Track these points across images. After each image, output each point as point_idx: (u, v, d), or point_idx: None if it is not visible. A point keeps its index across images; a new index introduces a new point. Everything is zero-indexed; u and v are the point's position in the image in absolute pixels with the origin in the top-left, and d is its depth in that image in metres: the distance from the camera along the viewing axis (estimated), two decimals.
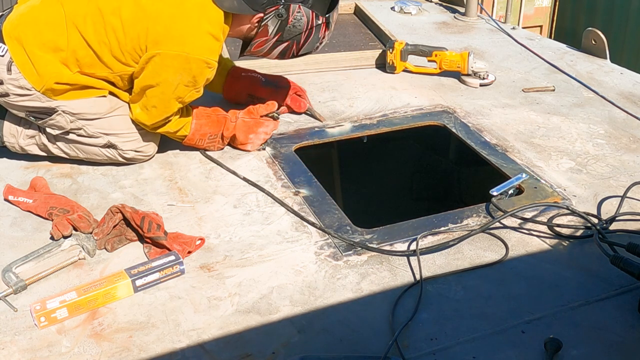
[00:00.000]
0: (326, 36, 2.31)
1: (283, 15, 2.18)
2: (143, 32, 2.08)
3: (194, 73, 2.12)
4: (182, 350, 1.56)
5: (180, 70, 2.10)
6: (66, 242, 1.87)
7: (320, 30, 2.26)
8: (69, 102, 2.14)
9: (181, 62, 2.09)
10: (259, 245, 1.93)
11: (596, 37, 3.29)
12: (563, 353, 1.55)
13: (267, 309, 1.69)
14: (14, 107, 2.16)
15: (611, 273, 1.80)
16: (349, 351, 1.56)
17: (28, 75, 2.08)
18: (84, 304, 1.66)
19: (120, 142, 2.22)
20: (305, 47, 2.30)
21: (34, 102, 2.12)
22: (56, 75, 2.10)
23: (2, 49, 2.09)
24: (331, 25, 2.29)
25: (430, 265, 1.85)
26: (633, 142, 2.52)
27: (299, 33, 2.23)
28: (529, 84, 3.02)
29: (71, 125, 2.17)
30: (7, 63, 2.07)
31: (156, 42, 2.08)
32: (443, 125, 2.65)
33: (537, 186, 2.21)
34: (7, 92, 2.11)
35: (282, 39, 2.24)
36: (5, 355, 1.54)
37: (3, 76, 2.09)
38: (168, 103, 2.17)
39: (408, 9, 3.95)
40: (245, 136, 2.37)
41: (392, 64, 3.06)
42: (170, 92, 2.14)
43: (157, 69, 2.11)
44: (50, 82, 2.09)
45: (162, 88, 2.13)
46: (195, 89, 2.18)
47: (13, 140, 2.25)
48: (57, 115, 2.14)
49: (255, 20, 2.20)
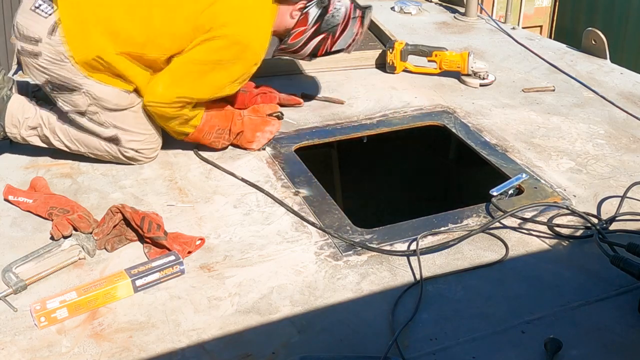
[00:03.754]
0: (359, 34, 2.39)
1: (325, 2, 2.28)
2: (212, 14, 2.12)
3: (246, 66, 2.19)
4: (182, 350, 1.56)
5: (236, 58, 2.16)
6: (66, 242, 1.87)
7: (356, 24, 2.35)
8: (95, 84, 2.12)
9: (241, 49, 2.15)
10: (259, 245, 1.93)
11: (596, 37, 3.29)
12: (563, 353, 1.54)
13: (267, 309, 1.69)
14: (38, 71, 2.12)
15: (611, 273, 1.80)
16: (349, 351, 1.56)
17: (72, 40, 2.05)
18: (84, 304, 1.66)
19: (125, 139, 2.22)
20: (339, 42, 2.36)
21: (63, 71, 2.09)
22: (100, 49, 2.08)
23: (49, 9, 2.06)
24: (365, 24, 2.38)
25: (430, 265, 1.85)
26: (633, 142, 2.52)
27: (336, 24, 2.32)
28: (529, 84, 3.02)
29: (88, 107, 2.15)
30: (52, 24, 2.05)
31: (224, 25, 2.13)
32: (443, 125, 2.65)
33: (537, 186, 2.21)
34: (40, 52, 2.07)
35: (319, 30, 2.31)
36: (5, 355, 1.54)
37: (42, 35, 2.05)
38: (203, 85, 2.19)
39: (408, 9, 3.95)
40: (252, 134, 2.37)
41: (392, 64, 3.06)
42: (214, 77, 2.18)
43: (218, 49, 2.14)
44: (92, 54, 2.07)
45: (211, 68, 2.16)
46: (239, 82, 2.24)
47: (15, 130, 2.24)
48: (79, 94, 2.12)
49: (298, 8, 2.28)
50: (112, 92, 2.16)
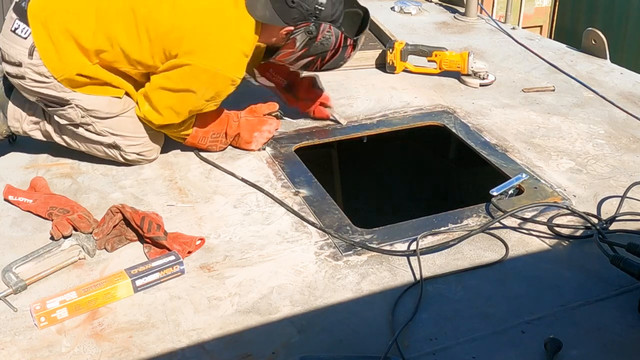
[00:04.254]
0: (351, 56, 2.31)
1: (312, 33, 2.16)
2: (177, 40, 2.06)
3: (219, 89, 2.14)
4: (182, 350, 1.56)
5: (207, 84, 2.11)
6: (66, 242, 1.87)
7: (347, 50, 2.26)
8: (84, 97, 2.12)
9: (209, 76, 2.10)
10: (259, 245, 1.93)
11: (596, 37, 3.29)
12: (563, 353, 1.54)
13: (267, 309, 1.69)
14: (27, 91, 2.14)
15: (611, 273, 1.80)
16: (349, 351, 1.56)
17: (49, 61, 2.06)
18: (84, 304, 1.66)
19: (124, 145, 2.22)
20: (329, 64, 2.29)
21: (49, 90, 2.10)
22: (78, 66, 2.08)
23: (25, 30, 2.06)
24: (357, 47, 2.29)
25: (430, 265, 1.85)
26: (633, 142, 2.52)
27: (325, 51, 2.23)
28: (529, 84, 3.02)
29: (81, 120, 2.16)
30: (29, 47, 2.05)
31: (190, 52, 2.07)
32: (443, 125, 2.65)
33: (537, 186, 2.21)
34: (23, 75, 2.09)
35: (307, 54, 2.24)
36: (5, 355, 1.54)
37: (23, 59, 2.06)
38: (183, 110, 2.17)
39: (408, 9, 3.94)
40: (249, 134, 2.37)
41: (392, 64, 3.06)
42: (189, 102, 2.15)
43: (184, 78, 2.10)
44: (72, 72, 2.07)
45: (183, 95, 2.14)
46: (215, 103, 2.20)
47: (17, 124, 2.25)
48: (70, 108, 2.13)
49: (284, 32, 2.19)
50: (102, 101, 2.16)
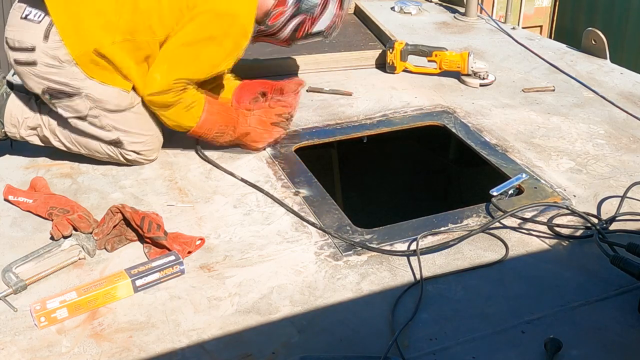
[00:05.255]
0: (339, 17, 2.36)
1: None
2: None
3: (235, 36, 2.18)
4: (182, 350, 1.56)
5: (224, 31, 2.16)
6: (66, 242, 1.88)
7: (335, 5, 2.32)
8: (95, 86, 2.12)
9: (227, 21, 2.16)
10: (259, 245, 1.93)
11: (596, 37, 3.29)
12: (563, 353, 1.54)
13: (267, 309, 1.69)
14: (36, 80, 2.12)
15: (611, 273, 1.80)
16: (349, 351, 1.56)
17: (67, 37, 2.05)
18: (84, 304, 1.66)
19: (127, 141, 2.22)
20: (318, 22, 2.33)
21: (61, 77, 2.09)
22: (96, 42, 2.08)
23: (39, 15, 2.06)
24: (345, 7, 2.35)
25: (430, 265, 1.85)
26: (633, 142, 2.52)
27: (315, 4, 2.28)
28: (529, 84, 3.02)
29: (89, 112, 2.15)
30: (44, 29, 2.05)
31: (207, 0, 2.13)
32: (443, 125, 2.65)
33: (537, 186, 2.21)
34: (35, 61, 2.08)
35: (298, 11, 2.29)
36: (5, 355, 1.54)
37: (37, 42, 2.06)
38: (199, 64, 2.20)
39: (408, 9, 3.95)
40: (260, 135, 2.37)
41: (392, 64, 3.06)
42: (209, 53, 2.18)
43: (202, 26, 2.15)
44: (89, 48, 2.08)
45: (202, 47, 2.17)
46: (229, 56, 2.23)
47: (14, 130, 2.24)
48: (78, 99, 2.13)
49: None
50: (112, 92, 2.16)
